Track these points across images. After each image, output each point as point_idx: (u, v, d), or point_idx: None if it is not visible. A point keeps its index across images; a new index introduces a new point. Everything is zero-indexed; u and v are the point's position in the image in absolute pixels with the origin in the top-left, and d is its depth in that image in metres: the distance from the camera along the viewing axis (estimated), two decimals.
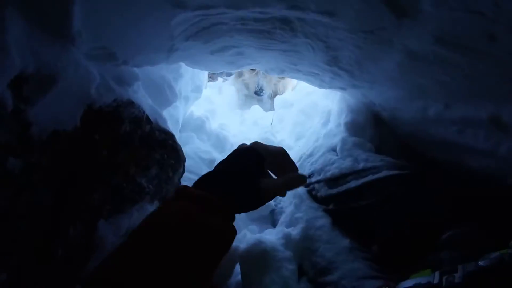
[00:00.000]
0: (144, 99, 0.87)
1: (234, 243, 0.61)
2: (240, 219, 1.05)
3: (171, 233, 0.46)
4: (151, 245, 0.45)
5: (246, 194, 0.54)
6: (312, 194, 1.04)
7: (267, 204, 0.90)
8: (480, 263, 0.45)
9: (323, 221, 0.93)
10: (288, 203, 1.03)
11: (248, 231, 0.96)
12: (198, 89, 1.42)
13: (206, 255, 0.47)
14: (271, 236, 0.89)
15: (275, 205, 1.12)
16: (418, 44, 0.56)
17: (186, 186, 0.53)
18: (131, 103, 0.78)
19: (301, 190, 1.07)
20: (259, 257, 0.79)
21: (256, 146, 0.61)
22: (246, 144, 0.63)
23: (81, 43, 0.64)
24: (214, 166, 0.59)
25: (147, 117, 0.82)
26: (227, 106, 2.19)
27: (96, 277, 0.43)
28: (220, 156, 1.50)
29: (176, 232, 0.46)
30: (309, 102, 1.61)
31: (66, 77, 0.65)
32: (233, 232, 0.51)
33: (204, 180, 0.54)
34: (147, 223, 0.49)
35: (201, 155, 1.31)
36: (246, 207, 0.55)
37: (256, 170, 0.58)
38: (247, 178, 0.55)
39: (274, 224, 1.05)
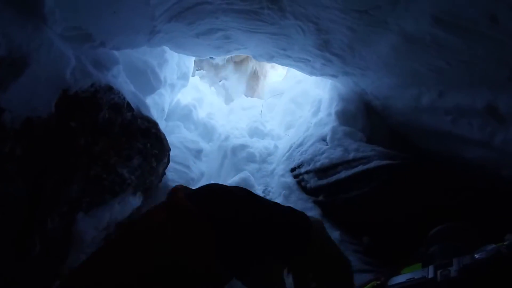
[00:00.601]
0: (125, 84, 0.82)
1: None
2: None
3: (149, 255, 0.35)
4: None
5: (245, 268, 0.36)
6: (301, 185, 1.02)
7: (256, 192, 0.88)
8: (476, 256, 0.42)
9: (313, 213, 0.92)
10: (278, 194, 1.01)
11: None
12: (184, 77, 1.37)
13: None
14: None
15: (264, 196, 1.09)
16: (414, 25, 0.53)
17: (185, 200, 0.35)
18: (110, 89, 0.74)
19: (290, 180, 1.05)
20: None
21: (315, 231, 0.36)
22: (307, 217, 0.36)
23: (54, 22, 0.60)
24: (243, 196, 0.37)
25: (128, 104, 0.77)
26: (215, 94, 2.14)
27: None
28: (207, 146, 1.46)
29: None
30: (299, 91, 1.59)
31: (39, 59, 0.61)
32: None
33: (215, 205, 0.36)
34: (126, 234, 0.36)
35: (187, 144, 1.27)
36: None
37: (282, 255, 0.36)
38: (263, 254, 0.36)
39: None
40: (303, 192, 0.99)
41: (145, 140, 0.81)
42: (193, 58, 1.34)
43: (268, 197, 1.09)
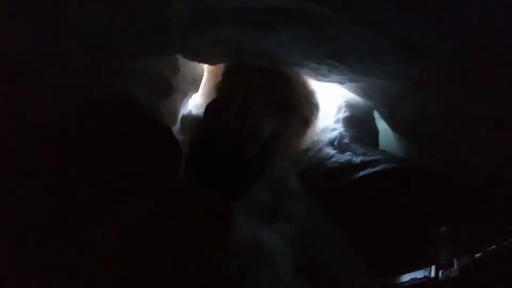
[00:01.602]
0: (140, 91, 0.85)
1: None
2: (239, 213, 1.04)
3: None
4: None
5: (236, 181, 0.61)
6: (309, 189, 1.03)
7: (264, 198, 0.91)
8: (477, 256, 0.44)
9: (320, 216, 0.93)
10: (286, 197, 1.02)
11: (245, 226, 0.95)
12: (196, 82, 1.40)
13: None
14: (268, 231, 0.89)
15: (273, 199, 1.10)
16: (419, 36, 0.55)
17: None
18: (127, 96, 0.77)
19: (298, 184, 1.07)
20: (255, 253, 0.79)
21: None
22: None
23: (74, 32, 0.63)
24: None
25: (144, 110, 0.80)
26: None
27: None
28: None
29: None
30: None
31: (59, 67, 0.64)
32: (226, 219, 0.57)
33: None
34: None
35: None
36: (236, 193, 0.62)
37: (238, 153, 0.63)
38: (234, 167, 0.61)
39: (271, 220, 1.04)
40: (311, 196, 1.00)
41: (159, 144, 0.84)
42: (204, 65, 1.37)
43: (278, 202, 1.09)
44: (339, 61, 0.79)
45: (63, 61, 0.62)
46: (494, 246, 0.43)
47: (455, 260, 0.45)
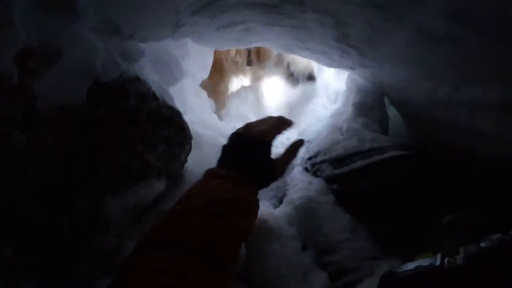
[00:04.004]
0: (150, 75, 0.86)
1: None
2: None
3: (218, 202, 0.61)
4: (202, 210, 0.59)
5: (262, 174, 0.73)
6: (317, 175, 1.04)
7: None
8: (482, 244, 0.45)
9: (328, 198, 0.94)
10: (293, 183, 1.03)
11: None
12: (205, 67, 1.40)
13: (244, 219, 0.64)
14: (276, 213, 0.90)
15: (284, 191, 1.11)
16: (429, 20, 0.54)
17: (219, 169, 0.73)
18: (137, 79, 0.78)
19: (308, 169, 1.07)
20: (263, 235, 0.80)
21: (262, 135, 0.76)
22: (248, 129, 0.80)
23: (85, 16, 0.63)
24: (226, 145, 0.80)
25: (154, 94, 0.81)
26: None
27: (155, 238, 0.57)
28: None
29: (223, 202, 0.61)
30: (318, 83, 1.59)
31: (71, 51, 0.65)
32: (258, 203, 0.72)
33: (231, 164, 0.71)
34: (195, 193, 0.66)
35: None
36: (262, 184, 0.75)
37: (267, 154, 0.76)
38: (263, 162, 0.74)
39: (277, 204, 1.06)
40: (318, 180, 1.01)
41: (169, 128, 0.85)
42: (213, 50, 1.37)
43: (290, 187, 1.09)
44: (350, 45, 0.78)
45: (73, 45, 0.62)
46: (499, 234, 0.43)
47: (460, 248, 0.46)
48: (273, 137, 0.76)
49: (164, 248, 0.54)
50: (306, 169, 1.08)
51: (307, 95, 1.59)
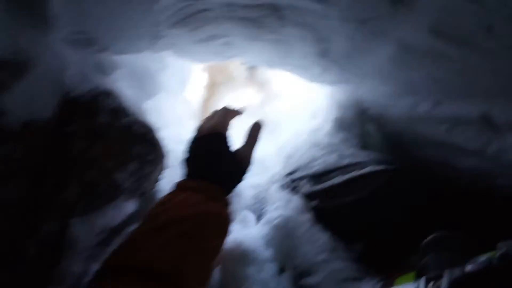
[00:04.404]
0: (124, 89, 0.82)
1: None
2: None
3: (181, 220, 0.54)
4: (164, 230, 0.52)
5: (229, 169, 0.66)
6: (295, 192, 1.01)
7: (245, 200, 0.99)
8: (467, 268, 0.43)
9: (306, 217, 0.91)
10: (272, 201, 1.00)
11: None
12: (184, 82, 1.38)
13: (212, 238, 0.57)
14: (252, 233, 0.87)
15: (261, 209, 1.08)
16: (412, 35, 0.54)
17: (186, 180, 0.65)
18: (109, 93, 0.74)
19: (286, 186, 1.05)
20: (238, 258, 0.77)
21: (213, 130, 0.70)
22: (199, 130, 0.74)
23: (58, 26, 0.60)
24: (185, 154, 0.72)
25: (126, 109, 0.78)
26: None
27: (113, 262, 0.51)
28: None
29: (186, 220, 0.54)
30: (297, 98, 1.59)
31: (41, 63, 0.61)
32: (230, 218, 0.63)
33: (195, 171, 0.65)
34: (158, 211, 0.57)
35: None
36: (233, 181, 0.67)
37: (226, 147, 0.69)
38: (225, 156, 0.67)
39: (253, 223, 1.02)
40: (296, 197, 0.98)
41: (141, 145, 0.81)
42: (194, 65, 1.35)
43: (268, 205, 1.07)
44: (331, 60, 0.78)
45: (44, 57, 0.59)
46: (485, 257, 0.41)
47: (444, 272, 0.44)
48: (225, 128, 0.71)
49: (125, 274, 0.48)
50: (284, 185, 1.05)
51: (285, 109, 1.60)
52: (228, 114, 0.74)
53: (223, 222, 0.62)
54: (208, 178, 0.62)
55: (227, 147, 0.68)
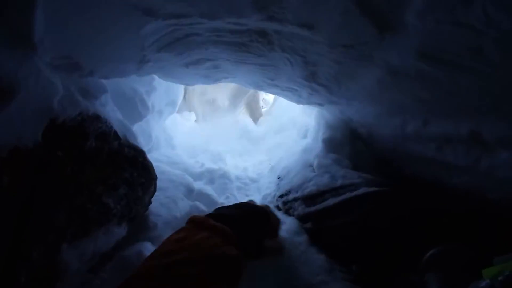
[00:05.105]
0: (112, 113, 0.82)
1: None
2: None
3: (197, 262, 0.56)
4: (178, 268, 0.54)
5: (252, 244, 0.71)
6: (289, 213, 1.01)
7: None
8: None
9: (301, 239, 0.91)
10: None
11: None
12: (173, 103, 1.38)
13: (227, 279, 0.59)
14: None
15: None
16: (399, 59, 0.55)
17: (205, 218, 0.67)
18: (97, 117, 0.73)
19: (278, 210, 1.05)
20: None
21: (268, 210, 0.85)
22: (256, 204, 0.87)
23: (43, 51, 0.60)
24: (225, 207, 0.79)
25: (115, 132, 0.77)
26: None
27: None
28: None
29: (202, 262, 0.56)
30: (287, 118, 1.60)
31: (27, 88, 0.60)
32: (243, 262, 0.65)
33: (223, 218, 0.68)
34: (175, 247, 0.59)
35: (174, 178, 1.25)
36: (248, 253, 0.69)
37: (263, 230, 0.79)
38: (257, 234, 0.75)
39: None
40: (292, 219, 0.98)
41: (131, 169, 0.80)
42: (182, 86, 1.35)
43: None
44: (319, 83, 0.79)
45: (30, 82, 0.58)
46: (487, 281, 0.41)
47: None
48: (270, 215, 0.85)
49: None
50: (277, 207, 1.04)
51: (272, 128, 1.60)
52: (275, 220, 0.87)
53: (240, 265, 0.64)
54: (231, 226, 0.66)
55: (263, 234, 0.80)
